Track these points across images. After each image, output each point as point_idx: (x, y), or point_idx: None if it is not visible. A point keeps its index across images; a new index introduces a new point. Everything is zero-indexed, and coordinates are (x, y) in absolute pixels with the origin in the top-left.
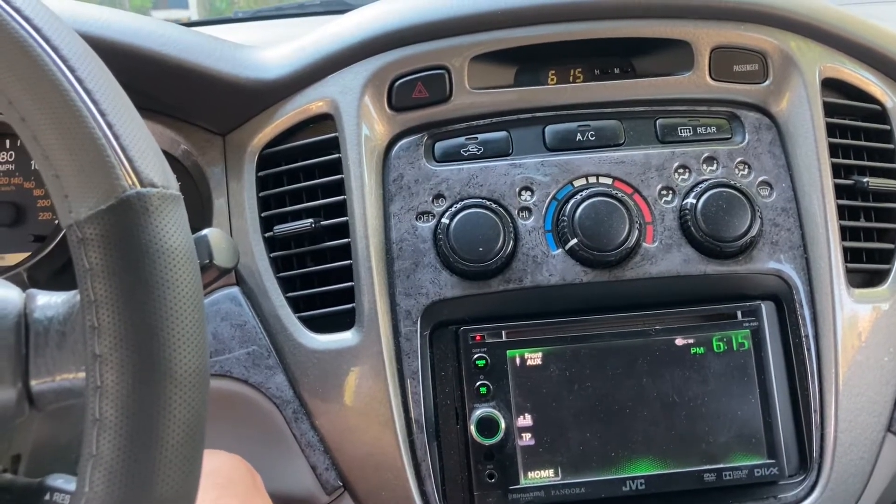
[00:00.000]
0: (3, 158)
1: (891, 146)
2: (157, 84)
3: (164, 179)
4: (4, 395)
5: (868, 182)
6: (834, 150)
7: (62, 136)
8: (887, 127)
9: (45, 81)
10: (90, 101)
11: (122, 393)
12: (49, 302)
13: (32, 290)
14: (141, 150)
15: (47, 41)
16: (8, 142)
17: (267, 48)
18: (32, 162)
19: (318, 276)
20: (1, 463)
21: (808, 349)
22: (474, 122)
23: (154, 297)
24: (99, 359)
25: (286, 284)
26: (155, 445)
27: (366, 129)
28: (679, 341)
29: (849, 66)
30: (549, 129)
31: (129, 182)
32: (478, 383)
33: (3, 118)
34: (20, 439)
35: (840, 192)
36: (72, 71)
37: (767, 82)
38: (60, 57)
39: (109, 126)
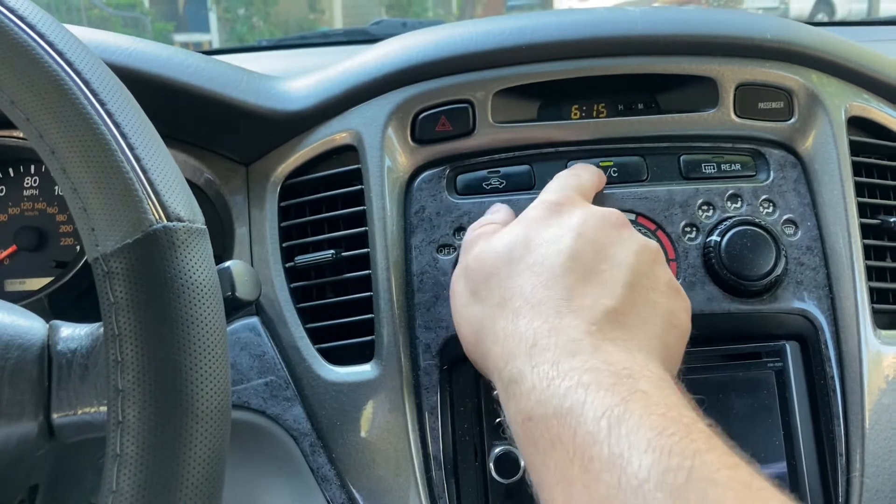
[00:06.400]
0: (28, 184)
1: None
2: (182, 114)
3: (191, 213)
4: (26, 427)
5: (894, 222)
6: (860, 189)
7: (91, 169)
8: None
9: (75, 115)
10: (119, 134)
11: (144, 429)
12: (73, 334)
13: (56, 322)
14: (168, 184)
15: (79, 75)
16: (33, 167)
17: (291, 79)
18: (56, 187)
19: (338, 307)
20: (19, 494)
21: (833, 391)
22: (497, 156)
23: (178, 332)
24: (121, 394)
25: (306, 315)
26: (175, 483)
27: (388, 161)
28: (702, 381)
29: (875, 105)
30: (572, 163)
31: (157, 216)
32: (497, 419)
33: (30, 144)
34: (38, 470)
35: (866, 231)
36: (102, 105)
37: (793, 120)
38: (91, 91)
39: (137, 160)
